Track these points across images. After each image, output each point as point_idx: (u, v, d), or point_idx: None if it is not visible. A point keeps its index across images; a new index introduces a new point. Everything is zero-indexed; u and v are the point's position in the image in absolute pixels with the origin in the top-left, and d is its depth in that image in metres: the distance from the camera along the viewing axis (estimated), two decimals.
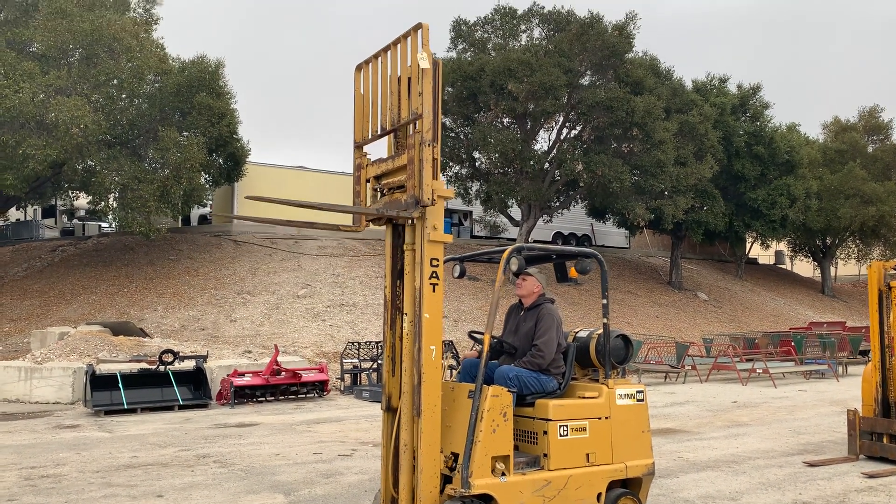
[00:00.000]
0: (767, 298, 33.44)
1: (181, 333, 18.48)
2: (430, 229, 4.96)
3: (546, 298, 5.75)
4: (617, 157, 22.79)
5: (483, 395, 4.95)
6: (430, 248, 4.92)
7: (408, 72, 4.93)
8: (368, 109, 5.36)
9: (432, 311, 4.93)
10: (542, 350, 5.40)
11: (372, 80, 5.31)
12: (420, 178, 4.79)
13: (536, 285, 5.79)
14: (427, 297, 4.91)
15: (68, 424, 10.90)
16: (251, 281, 22.23)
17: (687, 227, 28.31)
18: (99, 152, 19.78)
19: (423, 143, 4.78)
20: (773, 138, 28.01)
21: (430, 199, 4.80)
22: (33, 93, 17.41)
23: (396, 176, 5.12)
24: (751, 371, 16.38)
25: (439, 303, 4.96)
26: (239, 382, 12.90)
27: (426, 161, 4.77)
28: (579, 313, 24.27)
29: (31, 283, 22.71)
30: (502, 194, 24.04)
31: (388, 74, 5.16)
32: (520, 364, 5.43)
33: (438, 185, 5.00)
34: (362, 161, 5.42)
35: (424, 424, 4.86)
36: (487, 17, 23.95)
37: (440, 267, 4.95)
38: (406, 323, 5.09)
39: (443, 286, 4.98)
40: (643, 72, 23.08)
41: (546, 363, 5.41)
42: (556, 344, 5.47)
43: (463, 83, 22.33)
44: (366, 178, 5.39)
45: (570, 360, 5.60)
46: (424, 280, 4.92)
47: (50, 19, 18.36)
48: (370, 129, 5.33)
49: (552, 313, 5.57)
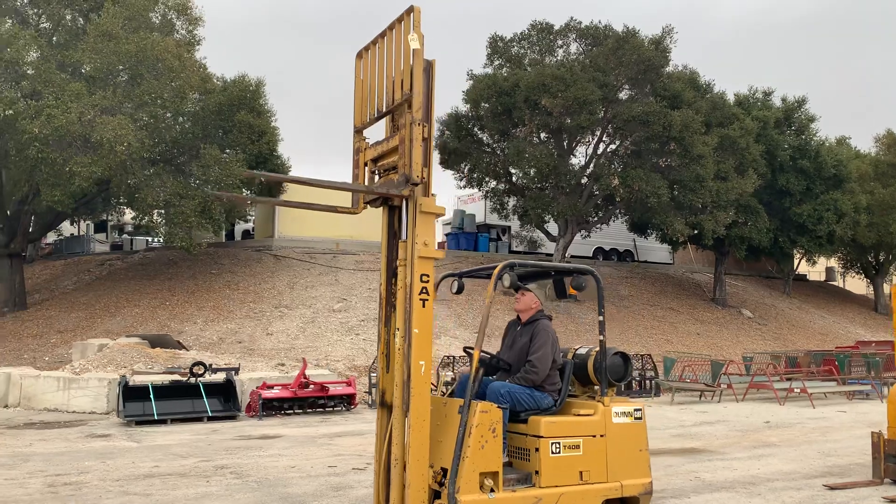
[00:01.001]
0: (816, 316, 32.52)
1: (218, 346, 18.85)
2: (421, 246, 5.02)
3: (543, 315, 5.75)
4: (655, 171, 22.54)
5: (472, 410, 4.96)
6: (420, 264, 4.98)
7: (402, 55, 5.05)
8: (367, 94, 5.50)
9: (422, 327, 4.98)
10: (536, 366, 5.39)
11: (370, 65, 5.46)
12: (410, 157, 4.90)
13: (534, 301, 5.78)
14: (417, 312, 4.96)
15: (99, 434, 11.22)
16: (289, 295, 22.56)
17: (730, 243, 27.77)
18: (143, 169, 20.34)
19: (413, 123, 4.89)
20: (818, 152, 27.35)
21: (419, 177, 4.90)
22: (80, 113, 18.04)
23: (391, 157, 5.25)
24: (788, 390, 15.95)
25: (429, 318, 5.01)
26: (267, 395, 13.10)
27: (416, 140, 4.89)
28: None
29: (80, 296, 23.45)
30: (538, 210, 23.98)
31: (384, 59, 5.30)
32: (513, 380, 5.43)
33: (429, 202, 5.07)
34: (361, 145, 5.56)
35: (413, 439, 4.89)
36: (524, 33, 24.02)
37: (430, 283, 5.00)
38: (398, 338, 5.16)
39: (433, 301, 5.03)
40: (681, 85, 22.82)
41: (540, 379, 5.40)
42: (551, 360, 5.46)
43: (498, 99, 22.41)
44: (364, 161, 5.52)
45: (566, 377, 5.58)
46: (415, 295, 4.98)
47: (97, 42, 19.01)
48: (368, 114, 5.47)
49: (547, 329, 5.56)
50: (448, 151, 24.88)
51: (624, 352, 5.73)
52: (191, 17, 22.08)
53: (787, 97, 29.01)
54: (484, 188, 26.13)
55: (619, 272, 31.67)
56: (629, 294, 28.89)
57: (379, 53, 5.34)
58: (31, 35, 19.38)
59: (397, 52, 5.10)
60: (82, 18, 21.39)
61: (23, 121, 18.03)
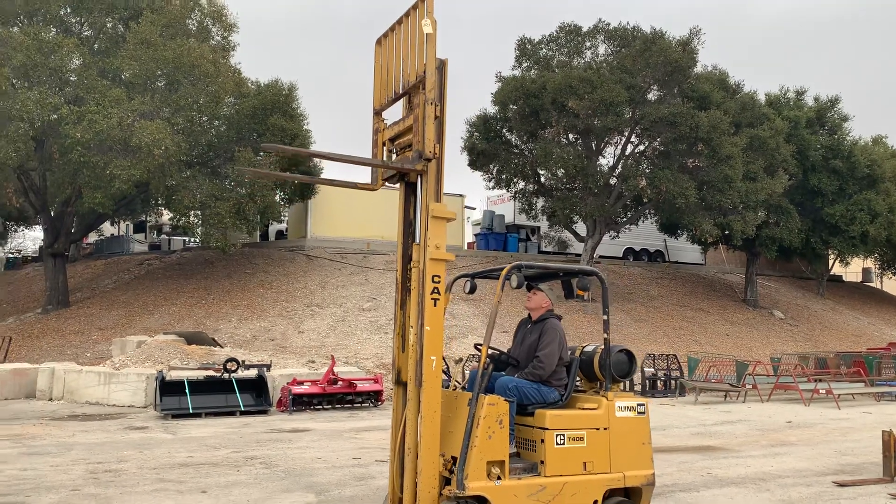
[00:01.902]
0: (850, 318, 32.14)
1: (252, 343, 19.40)
2: (433, 248, 5.34)
3: (553, 314, 6.03)
4: (683, 172, 22.59)
5: (480, 403, 5.27)
6: (431, 265, 5.30)
7: (417, 40, 5.38)
8: (385, 78, 5.84)
9: (433, 324, 5.29)
10: (543, 362, 5.68)
11: (388, 51, 5.81)
12: (423, 134, 5.23)
13: (545, 300, 6.06)
14: (428, 311, 5.28)
15: (138, 426, 11.76)
16: (320, 294, 23.08)
17: (760, 244, 27.63)
18: (179, 172, 21.05)
19: (426, 102, 5.22)
20: (851, 151, 27.08)
21: (431, 153, 5.23)
22: (120, 118, 18.74)
23: (407, 136, 5.58)
24: (814, 391, 15.95)
25: (440, 316, 5.32)
26: (297, 390, 13.54)
27: (429, 118, 5.21)
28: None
29: (119, 295, 24.25)
30: (567, 210, 24.17)
31: (401, 45, 5.64)
32: (522, 375, 5.73)
33: (440, 207, 5.39)
34: (380, 125, 5.90)
35: (424, 429, 5.22)
36: (552, 35, 24.21)
37: (441, 283, 5.31)
38: (412, 335, 5.49)
39: (444, 300, 5.35)
40: (710, 86, 22.84)
41: (546, 374, 5.69)
42: (558, 357, 5.74)
43: (525, 100, 22.66)
44: (382, 140, 5.85)
45: (572, 373, 5.86)
46: (426, 295, 5.30)
47: (136, 49, 19.74)
48: (386, 96, 5.82)
49: (555, 328, 5.84)
50: (476, 153, 25.19)
51: (628, 349, 6.00)
52: (225, 24, 22.73)
53: (820, 96, 28.79)
54: (512, 189, 26.39)
55: (649, 273, 31.68)
56: (659, 294, 28.90)
57: (396, 39, 5.72)
58: (74, 43, 20.15)
59: (413, 37, 5.46)
60: (122, 26, 22.16)
61: (66, 126, 18.80)
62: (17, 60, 19.05)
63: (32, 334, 21.26)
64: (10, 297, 27.65)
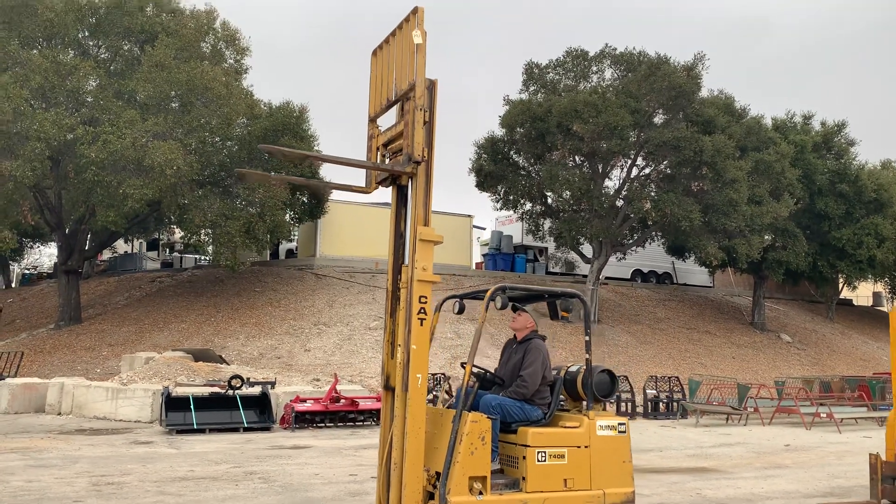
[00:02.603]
0: (859, 342, 32.02)
1: (258, 361, 19.66)
2: (420, 270, 5.58)
3: (537, 335, 6.23)
4: (687, 195, 22.76)
5: (463, 420, 5.47)
6: (418, 286, 5.54)
7: (408, 50, 5.68)
8: (380, 86, 6.17)
9: (419, 343, 5.52)
10: (527, 381, 5.88)
11: (383, 61, 6.14)
12: (413, 138, 5.53)
13: (529, 321, 6.27)
14: (415, 330, 5.51)
15: (143, 441, 12.00)
16: (328, 313, 23.33)
17: (767, 267, 27.68)
18: (191, 191, 21.46)
19: (416, 108, 5.53)
20: (858, 176, 27.17)
21: (420, 156, 5.52)
22: (134, 138, 19.19)
23: (399, 141, 5.88)
24: (815, 415, 15.99)
25: (426, 335, 5.54)
26: (300, 408, 13.76)
27: (418, 123, 5.52)
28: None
29: (130, 311, 24.61)
30: (573, 231, 24.36)
31: (394, 54, 5.97)
32: (506, 394, 5.93)
33: (428, 231, 5.64)
34: (374, 132, 6.22)
35: (409, 445, 5.42)
36: (559, 60, 24.54)
37: (428, 304, 5.54)
38: (399, 353, 5.72)
39: (430, 320, 5.58)
40: (714, 111, 23.06)
41: (530, 393, 5.89)
42: (541, 376, 5.93)
43: (532, 123, 22.96)
44: (376, 146, 6.17)
45: (556, 392, 6.05)
46: (413, 315, 5.54)
47: (151, 71, 20.23)
48: (380, 104, 6.15)
49: (539, 348, 6.05)
50: (484, 174, 25.48)
51: (610, 370, 6.18)
52: (238, 47, 23.24)
53: (827, 121, 28.95)
54: (519, 210, 26.63)
55: (657, 295, 31.76)
56: (666, 317, 28.97)
57: (390, 50, 6.06)
58: (91, 65, 20.68)
59: (405, 48, 5.78)
60: (138, 49, 22.68)
61: (81, 146, 19.26)
62: (36, 82, 19.58)
63: (44, 349, 21.62)
64: (23, 312, 28.09)
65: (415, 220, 5.63)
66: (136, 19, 21.79)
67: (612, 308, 28.03)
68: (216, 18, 23.24)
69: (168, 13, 22.86)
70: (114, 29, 21.93)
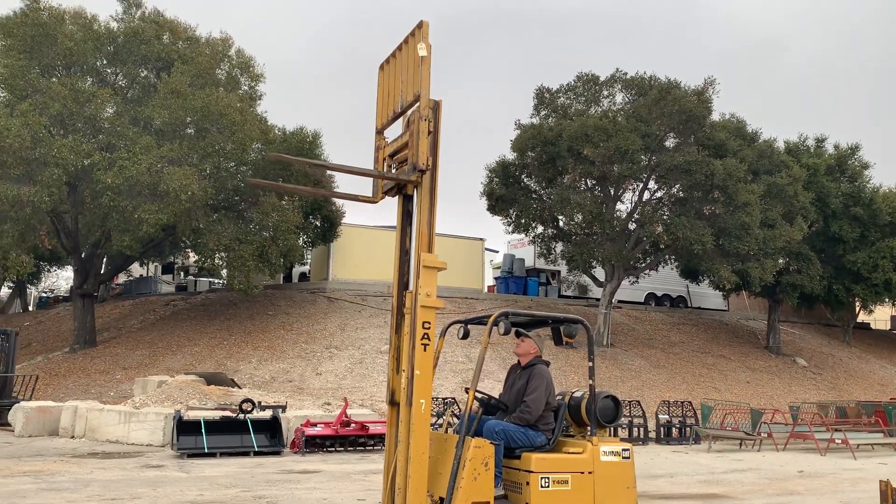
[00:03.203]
0: (877, 366, 31.64)
1: (270, 385, 19.72)
2: (423, 296, 5.65)
3: (541, 360, 6.27)
4: (699, 218, 22.74)
5: (466, 445, 5.51)
6: (422, 312, 5.60)
7: (414, 63, 5.82)
8: (387, 99, 6.31)
9: (423, 369, 5.57)
10: (530, 406, 5.91)
11: (390, 74, 6.28)
12: (417, 148, 5.65)
13: (533, 347, 6.31)
14: (419, 356, 5.56)
15: (154, 464, 12.06)
16: (339, 336, 23.40)
17: (781, 290, 27.51)
18: (205, 216, 21.70)
19: (420, 119, 5.66)
20: (872, 199, 27.05)
21: (425, 165, 5.64)
22: (150, 164, 19.48)
23: (404, 151, 6.02)
24: (830, 441, 15.79)
25: (430, 361, 5.60)
26: (310, 432, 13.77)
27: (423, 133, 5.65)
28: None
29: (144, 335, 24.79)
30: (585, 255, 24.37)
31: (400, 68, 6.12)
32: (509, 419, 5.96)
33: (431, 258, 5.71)
34: (381, 143, 6.37)
35: (412, 470, 5.45)
36: (570, 85, 24.73)
37: (431, 329, 5.60)
38: (403, 377, 5.77)
39: (434, 346, 5.63)
40: (726, 135, 23.09)
41: (533, 419, 5.91)
42: (545, 402, 5.97)
43: (543, 148, 23.10)
44: (383, 157, 6.30)
45: (559, 417, 6.07)
46: (417, 340, 5.59)
47: (167, 98, 20.57)
48: (387, 116, 6.28)
49: (542, 373, 6.08)
50: (496, 197, 25.61)
51: (614, 395, 6.20)
52: (253, 74, 23.59)
53: (840, 144, 28.90)
54: (531, 233, 26.69)
55: (671, 318, 31.59)
56: (680, 341, 28.79)
57: (396, 64, 6.21)
58: (109, 93, 21.06)
59: (410, 61, 5.92)
60: (154, 76, 23.08)
61: (97, 171, 19.56)
62: (55, 109, 19.95)
63: (59, 373, 21.80)
64: (40, 335, 28.36)
65: (419, 232, 5.72)
66: (153, 47, 22.19)
67: (625, 332, 27.91)
68: (231, 46, 23.66)
69: (184, 41, 23.28)
70: (131, 57, 22.35)
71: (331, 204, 25.60)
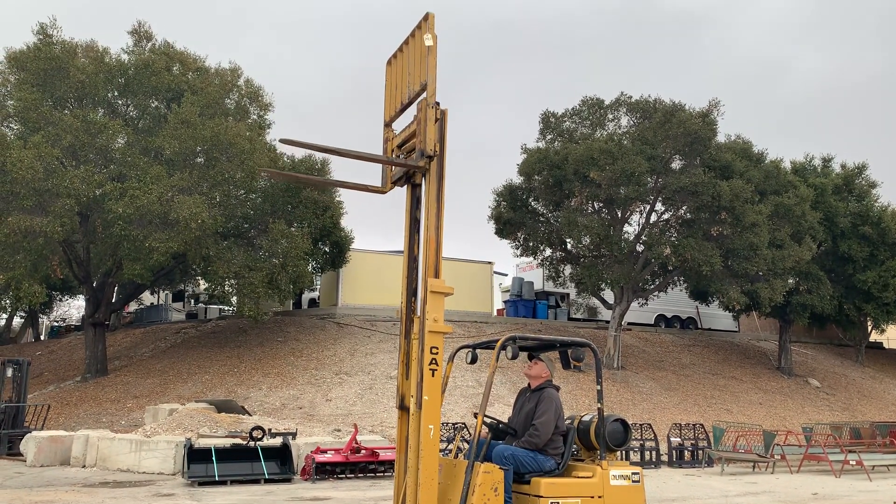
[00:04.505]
0: (891, 386, 31.34)
1: (280, 412, 19.72)
2: (431, 321, 5.70)
3: (551, 384, 6.30)
4: (707, 239, 22.76)
5: (475, 471, 5.53)
6: (430, 337, 5.66)
7: (421, 54, 5.96)
8: (394, 92, 6.45)
9: (431, 394, 5.62)
10: (539, 430, 5.93)
11: (397, 68, 6.43)
12: (425, 134, 5.78)
13: (545, 371, 6.35)
14: (427, 381, 5.61)
15: (165, 493, 12.07)
16: (349, 362, 23.41)
17: (791, 311, 27.40)
18: (215, 244, 21.87)
19: (428, 106, 5.80)
20: (881, 218, 26.99)
21: (433, 151, 5.75)
22: (160, 193, 19.70)
23: (412, 140, 6.12)
24: (844, 462, 15.65)
25: (438, 386, 5.64)
26: (321, 459, 13.76)
27: (430, 120, 5.79)
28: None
29: (155, 363, 24.87)
30: (593, 277, 24.38)
31: (408, 60, 6.26)
32: (518, 444, 5.98)
33: (438, 283, 5.78)
34: (389, 135, 6.51)
35: (422, 495, 5.48)
36: (575, 109, 24.92)
37: (439, 354, 5.66)
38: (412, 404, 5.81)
39: (442, 370, 5.68)
40: (731, 156, 23.17)
41: (542, 443, 5.93)
42: (553, 426, 5.99)
43: (549, 171, 23.24)
44: (391, 148, 6.42)
45: (569, 442, 6.09)
46: (425, 366, 5.64)
47: (177, 128, 20.84)
48: (395, 108, 6.39)
49: (552, 397, 6.11)
50: (503, 221, 25.71)
51: (623, 419, 6.21)
52: (262, 104, 23.90)
53: (847, 163, 28.91)
54: (539, 256, 26.74)
55: (681, 340, 31.46)
56: (691, 362, 28.65)
57: (403, 57, 6.36)
58: (120, 124, 21.36)
59: (417, 53, 6.06)
60: (165, 106, 23.41)
61: (109, 201, 19.79)
62: (67, 141, 20.25)
63: (71, 402, 21.87)
64: (51, 365, 28.49)
65: (428, 221, 5.79)
66: (163, 78, 22.52)
67: (635, 354, 27.80)
68: (240, 76, 23.98)
69: (194, 72, 23.62)
70: (142, 88, 22.67)
71: (339, 230, 25.75)
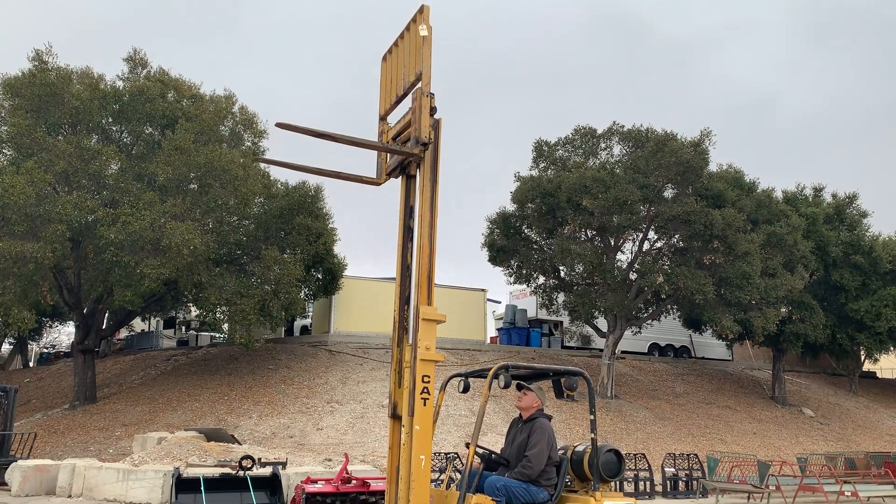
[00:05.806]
0: (885, 416, 31.26)
1: (271, 440, 19.48)
2: (423, 350, 5.65)
3: (543, 414, 6.23)
4: (700, 268, 22.79)
5: (467, 502, 5.45)
6: (422, 366, 5.61)
7: (416, 47, 6.01)
8: (389, 85, 6.49)
9: (422, 424, 5.55)
10: (532, 461, 5.86)
11: (392, 63, 6.47)
12: (420, 122, 5.83)
13: (535, 401, 6.29)
14: (419, 410, 5.55)
15: None
16: (341, 390, 23.21)
17: (784, 340, 27.39)
18: (207, 270, 21.76)
19: (423, 95, 5.85)
20: (872, 247, 27.12)
21: (427, 138, 5.80)
22: (153, 219, 19.63)
23: (407, 131, 6.16)
24: (839, 493, 15.52)
25: (430, 415, 5.58)
26: (310, 489, 13.51)
27: (424, 108, 5.85)
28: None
29: (145, 391, 24.61)
30: (587, 305, 24.36)
31: (403, 54, 6.30)
32: (511, 475, 5.90)
33: (431, 310, 5.73)
34: (384, 128, 6.56)
35: None
36: (568, 137, 25.08)
37: (431, 383, 5.60)
38: (403, 433, 5.73)
39: (433, 399, 5.61)
40: (723, 185, 23.30)
41: (535, 474, 5.85)
42: (546, 457, 5.91)
43: (542, 199, 23.32)
44: (386, 140, 6.45)
45: (562, 473, 6.01)
46: (417, 395, 5.58)
47: (171, 155, 20.83)
48: (390, 101, 6.43)
49: (544, 427, 6.04)
50: (497, 248, 25.73)
51: (617, 449, 6.14)
52: (256, 131, 23.94)
53: (838, 193, 29.14)
54: (532, 283, 26.72)
55: (674, 369, 31.36)
56: (684, 392, 28.52)
57: (398, 52, 6.41)
58: (113, 150, 21.35)
59: (412, 46, 6.10)
60: (159, 133, 23.42)
61: (101, 227, 19.71)
62: (60, 167, 20.20)
63: (58, 430, 21.57)
64: (39, 392, 28.16)
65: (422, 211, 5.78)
66: (158, 105, 22.55)
67: (629, 383, 27.68)
68: (235, 103, 24.04)
69: (188, 99, 23.68)
70: (136, 115, 22.69)
71: (332, 257, 25.69)
